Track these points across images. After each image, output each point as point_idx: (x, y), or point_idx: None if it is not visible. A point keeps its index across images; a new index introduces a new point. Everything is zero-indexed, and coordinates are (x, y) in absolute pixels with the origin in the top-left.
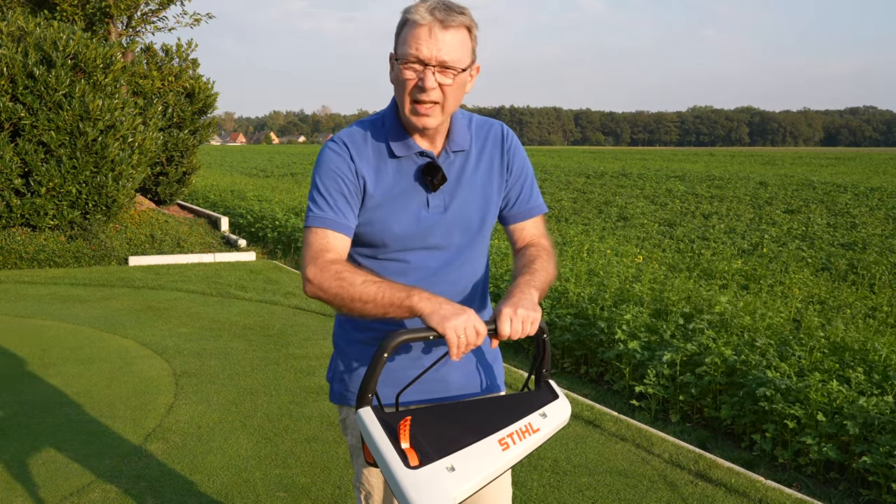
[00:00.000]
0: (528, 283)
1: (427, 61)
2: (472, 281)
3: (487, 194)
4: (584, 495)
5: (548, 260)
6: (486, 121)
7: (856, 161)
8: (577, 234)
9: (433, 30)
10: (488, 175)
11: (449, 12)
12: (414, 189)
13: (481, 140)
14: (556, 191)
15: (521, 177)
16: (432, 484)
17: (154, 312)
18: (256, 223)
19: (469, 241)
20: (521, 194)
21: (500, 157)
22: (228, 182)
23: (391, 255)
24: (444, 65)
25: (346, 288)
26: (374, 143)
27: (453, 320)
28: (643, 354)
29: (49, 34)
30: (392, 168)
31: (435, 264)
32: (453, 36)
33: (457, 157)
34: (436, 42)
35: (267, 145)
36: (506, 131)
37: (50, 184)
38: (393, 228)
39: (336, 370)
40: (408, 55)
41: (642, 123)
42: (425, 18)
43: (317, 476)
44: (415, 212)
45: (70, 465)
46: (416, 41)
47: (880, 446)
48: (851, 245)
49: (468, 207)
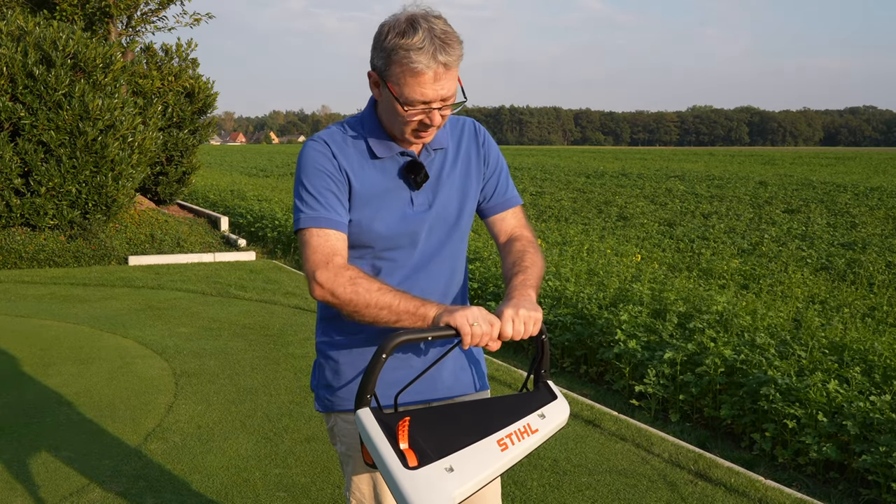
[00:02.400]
0: (524, 283)
1: (433, 103)
2: (453, 275)
3: (466, 188)
4: (584, 495)
5: (535, 253)
6: (457, 118)
7: (856, 161)
8: (577, 234)
9: (438, 74)
10: (466, 169)
11: (448, 50)
12: (398, 188)
13: (457, 136)
14: (556, 190)
15: (497, 169)
16: (431, 484)
17: (154, 312)
18: (256, 223)
19: (449, 236)
20: (498, 186)
21: (476, 151)
22: (228, 182)
23: (376, 254)
24: (447, 100)
25: (362, 294)
26: (355, 144)
27: (467, 312)
28: (643, 354)
29: (49, 34)
30: (374, 168)
31: (418, 261)
32: (452, 72)
33: (437, 154)
34: (441, 85)
35: (267, 145)
36: (477, 126)
37: (50, 183)
38: (379, 228)
39: (321, 377)
40: (414, 101)
41: (642, 123)
42: (430, 66)
43: (316, 476)
44: (400, 210)
45: (70, 465)
46: (421, 88)
47: (880, 446)
48: (851, 245)
49: (450, 203)
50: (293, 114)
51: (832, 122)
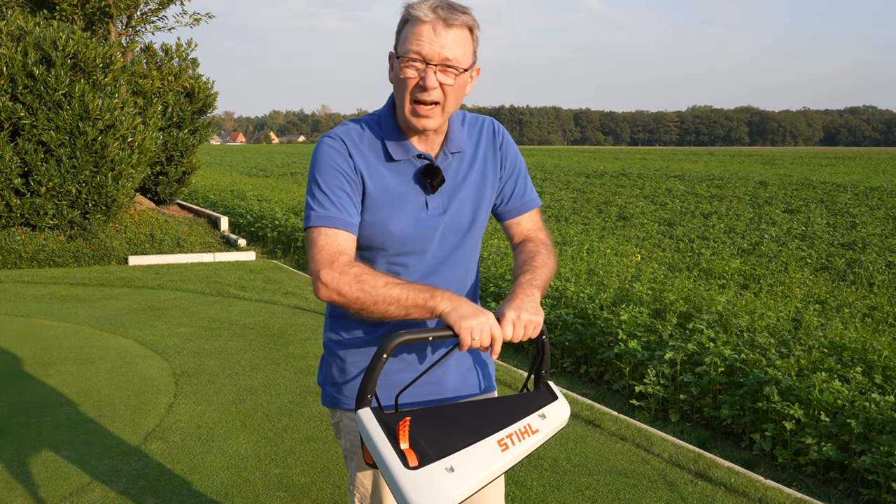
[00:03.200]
0: (531, 283)
1: (429, 59)
2: (464, 280)
3: (482, 192)
4: (584, 495)
5: (547, 255)
6: (476, 118)
7: (855, 161)
8: (577, 234)
9: (436, 27)
10: (483, 173)
11: (452, 11)
12: (413, 191)
13: (475, 138)
14: (556, 190)
15: (515, 172)
16: (432, 484)
17: (154, 312)
18: (256, 223)
19: (462, 241)
20: (516, 189)
21: (493, 153)
22: (228, 182)
23: (389, 258)
24: (447, 63)
25: (369, 291)
26: (371, 143)
27: (471, 320)
28: (643, 354)
29: (49, 34)
30: (390, 171)
31: (431, 265)
32: (456, 34)
33: (454, 158)
34: (439, 40)
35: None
36: (497, 127)
37: (50, 183)
38: (392, 230)
39: (328, 374)
40: (410, 52)
41: (642, 123)
42: (428, 16)
43: (316, 475)
44: (413, 214)
45: (70, 465)
46: (418, 39)
47: (880, 446)
48: (851, 245)
49: (465, 208)
50: (293, 114)
51: (832, 122)
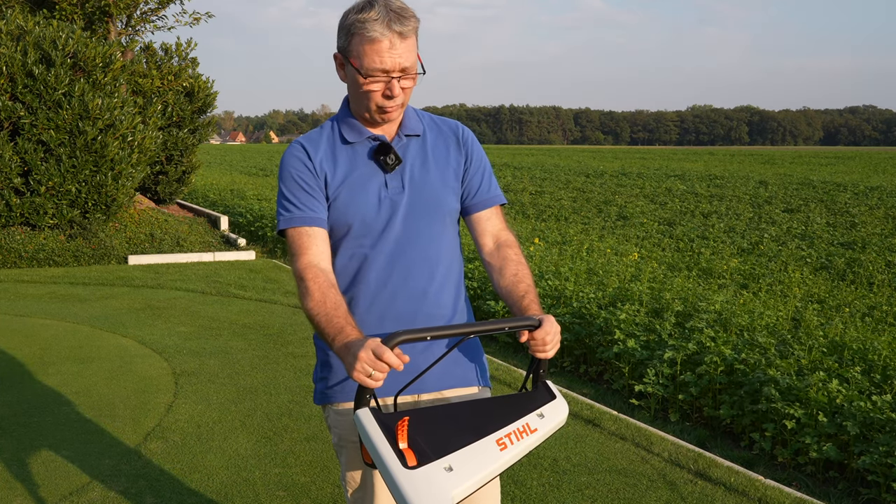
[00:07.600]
0: (536, 303)
1: (392, 73)
2: (435, 262)
3: (445, 177)
4: (584, 494)
5: (524, 264)
6: (443, 119)
7: (855, 160)
8: (577, 234)
9: (393, 41)
10: (445, 159)
11: (403, 21)
12: (371, 171)
13: (435, 129)
14: (556, 190)
15: (481, 167)
16: (430, 484)
17: (153, 311)
18: (256, 222)
19: (430, 222)
20: (482, 184)
21: (455, 144)
22: (228, 181)
23: (355, 239)
24: (406, 71)
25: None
26: (329, 136)
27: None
28: (643, 353)
29: (48, 33)
30: (347, 154)
31: (396, 247)
32: (409, 42)
33: (410, 140)
34: (398, 53)
35: (266, 144)
36: (461, 126)
37: (49, 183)
38: (354, 210)
39: (316, 371)
40: (374, 70)
41: (642, 123)
42: (385, 34)
43: (316, 475)
44: (375, 193)
45: (69, 464)
46: (379, 56)
47: (879, 445)
48: (851, 244)
49: (427, 187)
50: (293, 113)
51: (832, 121)
